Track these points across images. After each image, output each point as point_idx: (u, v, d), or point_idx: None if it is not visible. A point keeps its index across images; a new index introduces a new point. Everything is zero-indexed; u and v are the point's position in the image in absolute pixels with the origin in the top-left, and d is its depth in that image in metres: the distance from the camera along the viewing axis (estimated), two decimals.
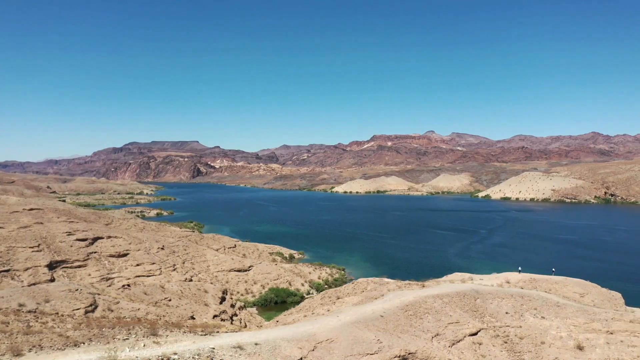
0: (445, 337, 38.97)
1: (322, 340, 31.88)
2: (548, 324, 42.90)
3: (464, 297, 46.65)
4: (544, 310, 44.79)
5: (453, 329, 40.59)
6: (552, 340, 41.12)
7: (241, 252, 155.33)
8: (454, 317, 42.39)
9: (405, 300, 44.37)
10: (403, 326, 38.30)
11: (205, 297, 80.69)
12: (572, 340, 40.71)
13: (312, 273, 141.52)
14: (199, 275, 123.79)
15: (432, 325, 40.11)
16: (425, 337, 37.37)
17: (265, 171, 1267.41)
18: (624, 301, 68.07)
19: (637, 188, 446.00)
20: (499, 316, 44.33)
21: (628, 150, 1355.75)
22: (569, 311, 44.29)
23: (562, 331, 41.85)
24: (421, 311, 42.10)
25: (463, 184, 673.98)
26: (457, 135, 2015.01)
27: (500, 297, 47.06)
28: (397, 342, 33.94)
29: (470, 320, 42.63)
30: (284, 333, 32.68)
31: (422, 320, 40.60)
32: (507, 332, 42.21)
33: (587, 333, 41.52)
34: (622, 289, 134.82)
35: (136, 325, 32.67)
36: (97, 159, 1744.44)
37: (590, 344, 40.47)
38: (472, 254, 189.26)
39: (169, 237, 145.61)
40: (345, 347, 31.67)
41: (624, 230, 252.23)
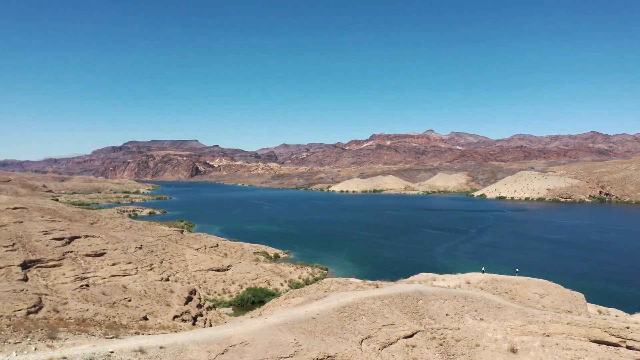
0: (377, 340, 38.37)
1: (236, 343, 31.30)
2: (486, 326, 42.30)
3: (406, 299, 46.04)
4: (484, 312, 44.16)
5: (387, 331, 39.99)
6: (487, 342, 40.53)
7: (223, 252, 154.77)
8: (390, 319, 41.80)
9: (343, 302, 43.79)
10: (333, 328, 37.74)
11: (170, 297, 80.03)
12: (506, 343, 40.11)
13: (292, 273, 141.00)
14: (176, 275, 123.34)
15: (365, 328, 39.53)
16: (353, 339, 36.78)
17: (264, 170, 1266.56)
18: (586, 301, 67.37)
19: (632, 187, 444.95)
20: (439, 318, 43.73)
21: (627, 149, 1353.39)
22: (508, 313, 43.67)
23: (498, 333, 41.25)
24: (357, 313, 41.51)
25: (459, 183, 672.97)
26: (456, 134, 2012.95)
27: (442, 299, 46.43)
28: (317, 345, 33.36)
29: (408, 322, 42.04)
30: (198, 336, 32.09)
31: (355, 322, 40.02)
32: (444, 335, 41.62)
33: (523, 336, 40.92)
34: (603, 288, 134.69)
35: (42, 328, 32.04)
36: (96, 158, 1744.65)
37: (525, 346, 39.87)
38: (459, 253, 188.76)
39: (148, 236, 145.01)
40: (258, 351, 31.08)
41: (614, 230, 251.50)
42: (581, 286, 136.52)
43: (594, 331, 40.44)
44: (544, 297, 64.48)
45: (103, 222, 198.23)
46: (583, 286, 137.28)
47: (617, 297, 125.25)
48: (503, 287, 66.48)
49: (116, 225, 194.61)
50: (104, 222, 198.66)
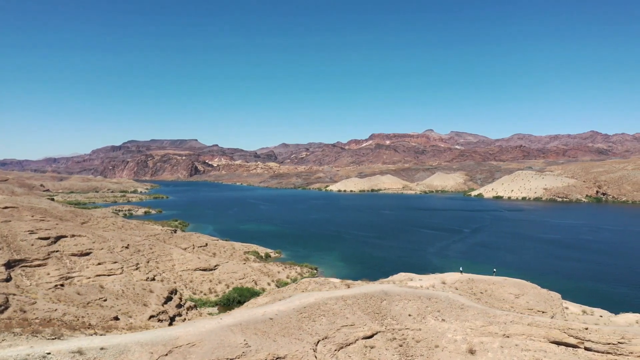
0: (334, 341, 38.11)
1: (183, 344, 31.08)
2: (447, 326, 42.02)
3: (370, 299, 45.78)
4: (446, 313, 43.88)
5: (346, 331, 39.74)
6: (446, 343, 40.26)
7: (211, 251, 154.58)
8: (350, 319, 41.54)
9: (305, 302, 43.53)
10: (290, 329, 37.49)
11: (149, 297, 79.89)
12: (465, 344, 39.84)
13: (281, 272, 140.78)
14: (162, 275, 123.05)
15: (324, 328, 39.28)
16: (309, 340, 36.51)
17: (263, 170, 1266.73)
18: (562, 301, 67.12)
19: (628, 187, 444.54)
20: (401, 319, 43.46)
21: (626, 149, 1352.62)
22: (470, 314, 43.37)
23: (458, 334, 40.97)
24: (317, 313, 41.25)
25: (457, 182, 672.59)
26: (455, 134, 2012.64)
27: (407, 299, 46.16)
28: (268, 346, 33.13)
29: (369, 323, 41.78)
30: (146, 337, 31.85)
31: (314, 322, 39.76)
32: (405, 335, 41.36)
33: (483, 336, 40.62)
34: (592, 288, 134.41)
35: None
36: (96, 157, 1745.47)
37: (484, 347, 39.59)
38: (450, 253, 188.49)
39: (136, 235, 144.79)
40: (204, 352, 30.84)
41: (608, 230, 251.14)
42: (570, 286, 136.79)
43: (554, 332, 40.14)
44: (519, 297, 64.21)
45: (94, 221, 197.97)
46: (572, 286, 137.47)
47: (604, 297, 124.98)
48: (479, 287, 66.23)
49: (108, 225, 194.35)
50: (96, 221, 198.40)
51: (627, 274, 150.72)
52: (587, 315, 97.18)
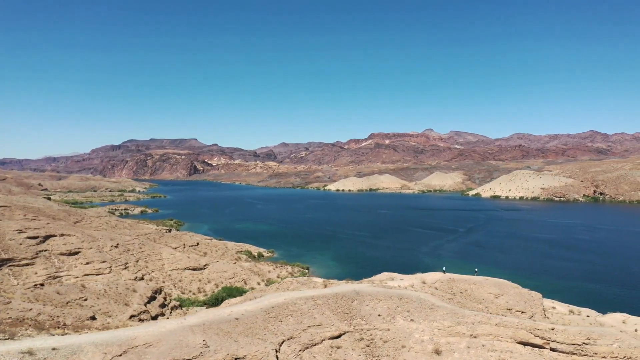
0: (299, 341, 37.94)
1: (139, 344, 30.93)
2: (415, 326, 41.85)
3: (341, 299, 45.60)
4: (415, 313, 43.70)
5: (312, 332, 39.57)
6: (413, 344, 40.09)
7: (202, 251, 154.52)
8: (318, 319, 41.36)
9: (273, 302, 43.36)
10: (255, 329, 37.34)
11: (132, 296, 79.74)
12: (432, 344, 39.69)
13: (271, 272, 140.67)
14: (151, 274, 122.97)
15: (290, 328, 39.12)
16: (273, 340, 36.35)
17: (262, 169, 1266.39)
18: (543, 301, 66.96)
19: (626, 187, 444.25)
20: (370, 319, 43.29)
21: (625, 148, 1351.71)
22: (439, 314, 43.20)
23: (426, 335, 40.80)
24: (285, 313, 41.08)
25: (455, 182, 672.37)
26: (455, 133, 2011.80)
27: (378, 299, 45.98)
28: (228, 347, 32.96)
29: (337, 323, 41.61)
30: (102, 337, 31.69)
31: (281, 322, 39.60)
32: (373, 335, 41.19)
33: (450, 337, 40.45)
34: (582, 287, 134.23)
35: None
36: (95, 156, 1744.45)
37: (450, 348, 39.42)
38: (444, 252, 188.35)
39: (126, 235, 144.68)
40: (161, 352, 30.67)
41: (603, 229, 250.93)
42: (561, 286, 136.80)
43: (521, 332, 39.98)
44: (499, 297, 64.07)
45: (88, 220, 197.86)
46: (563, 286, 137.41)
47: (595, 297, 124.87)
48: (459, 287, 66.11)
49: (101, 224, 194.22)
50: (89, 220, 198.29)
51: (618, 274, 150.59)
52: (574, 315, 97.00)
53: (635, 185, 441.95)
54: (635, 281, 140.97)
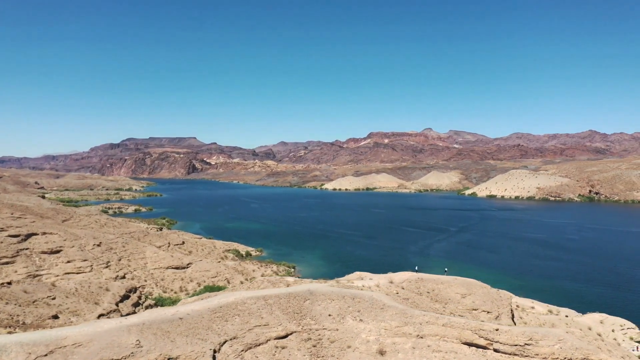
0: (243, 341, 37.75)
1: (68, 344, 30.80)
2: (363, 327, 41.68)
3: (294, 299, 45.43)
4: (366, 313, 43.53)
5: (258, 332, 39.39)
6: (358, 344, 39.92)
7: (188, 249, 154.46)
8: (266, 319, 41.19)
9: (223, 301, 43.21)
10: (197, 329, 37.17)
11: (104, 295, 79.59)
12: (377, 344, 39.53)
13: (256, 271, 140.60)
14: (133, 273, 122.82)
15: (235, 328, 38.94)
16: (214, 340, 36.17)
17: (261, 168, 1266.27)
18: (511, 301, 66.76)
19: (621, 187, 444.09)
20: (320, 319, 43.10)
21: (624, 148, 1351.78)
22: (388, 314, 43.02)
23: (372, 335, 40.63)
24: (231, 313, 40.91)
25: (452, 181, 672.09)
26: (454, 132, 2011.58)
27: (330, 299, 45.79)
28: (162, 347, 32.81)
29: (285, 323, 41.43)
30: (31, 336, 31.59)
31: (226, 322, 39.43)
32: (320, 336, 41.02)
33: (396, 337, 40.29)
34: (565, 287, 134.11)
35: None
36: (94, 154, 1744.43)
37: (395, 348, 39.25)
38: (432, 252, 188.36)
39: (110, 233, 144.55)
40: (90, 352, 30.55)
41: (594, 229, 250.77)
42: (544, 285, 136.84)
43: (466, 333, 39.81)
44: (466, 297, 63.94)
45: (76, 219, 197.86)
46: (546, 285, 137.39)
47: (577, 297, 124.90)
48: (426, 286, 65.98)
49: (90, 222, 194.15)
50: (78, 219, 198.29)
51: (603, 274, 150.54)
52: (551, 315, 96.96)
53: (630, 185, 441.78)
54: (619, 281, 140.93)
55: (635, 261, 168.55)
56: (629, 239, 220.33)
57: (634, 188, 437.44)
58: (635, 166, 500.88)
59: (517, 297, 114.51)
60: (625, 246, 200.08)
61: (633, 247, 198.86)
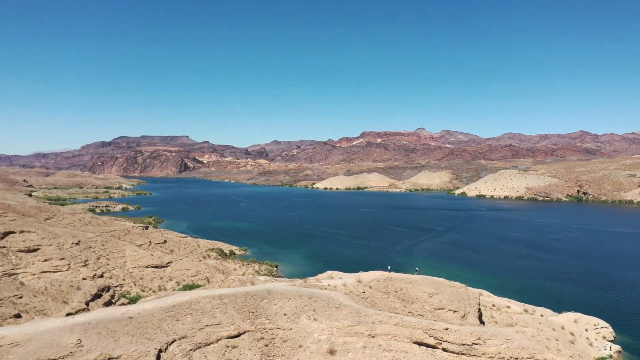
0: (192, 341, 37.56)
1: (4, 344, 30.50)
2: (316, 326, 41.61)
3: (251, 298, 45.28)
4: (320, 312, 43.45)
5: (209, 331, 39.21)
6: (310, 343, 39.85)
7: (169, 248, 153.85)
8: (218, 318, 41.01)
9: (177, 300, 43.00)
10: (145, 328, 36.95)
11: (74, 294, 79.07)
12: (328, 344, 39.47)
13: (237, 270, 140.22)
14: (112, 272, 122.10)
15: (185, 328, 38.74)
16: (161, 340, 35.94)
17: (253, 167, 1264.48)
18: (479, 300, 66.94)
19: (608, 187, 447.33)
20: (275, 318, 42.98)
21: (614, 149, 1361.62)
22: (342, 313, 42.97)
23: (324, 334, 40.56)
24: (184, 312, 40.70)
25: (443, 181, 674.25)
26: (447, 132, 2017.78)
27: (287, 298, 45.69)
28: (104, 347, 32.58)
29: (238, 322, 41.27)
30: None
31: (177, 321, 39.22)
32: (274, 335, 40.91)
33: (348, 336, 40.27)
34: (544, 287, 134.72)
35: None
36: (86, 153, 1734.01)
37: (346, 347, 39.23)
38: (417, 251, 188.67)
39: (89, 232, 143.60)
40: (27, 352, 30.28)
41: (579, 229, 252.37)
42: (524, 285, 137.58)
43: (416, 332, 39.86)
44: (433, 296, 64.05)
45: (60, 217, 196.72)
46: (526, 284, 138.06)
47: (555, 296, 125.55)
48: (395, 286, 66.05)
49: (74, 221, 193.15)
50: (61, 217, 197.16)
51: (584, 274, 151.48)
52: (526, 314, 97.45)
53: (617, 185, 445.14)
54: (599, 281, 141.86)
55: (617, 261, 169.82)
56: (613, 239, 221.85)
57: (622, 188, 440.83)
58: (624, 167, 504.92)
59: (495, 297, 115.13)
60: (608, 246, 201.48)
61: (616, 247, 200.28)
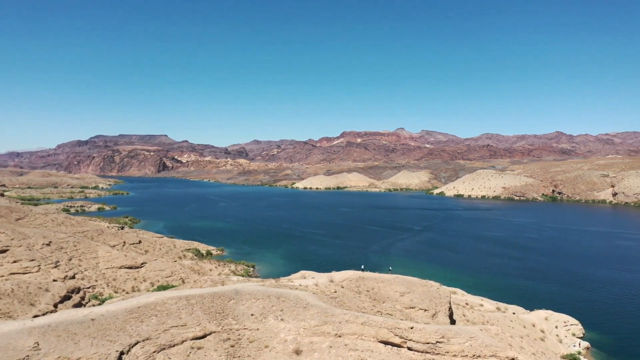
0: (156, 342, 37.11)
1: None
2: (283, 326, 41.53)
3: (219, 298, 44.97)
4: (288, 312, 43.38)
5: (174, 332, 38.81)
6: (276, 344, 39.76)
7: (144, 248, 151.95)
8: (184, 319, 40.61)
9: (143, 302, 42.47)
10: (108, 330, 36.39)
11: (42, 296, 77.52)
12: (294, 344, 39.43)
13: (213, 270, 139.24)
14: (84, 273, 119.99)
15: (149, 329, 38.26)
16: (123, 342, 35.43)
17: (233, 166, 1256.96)
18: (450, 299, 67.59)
19: (582, 186, 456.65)
20: (242, 318, 42.74)
21: (588, 149, 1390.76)
22: (309, 313, 42.96)
23: (291, 334, 40.51)
24: (149, 313, 40.22)
25: (422, 180, 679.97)
26: (426, 132, 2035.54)
27: (256, 298, 45.49)
28: (62, 349, 32.00)
29: (204, 323, 40.93)
30: None
31: (141, 323, 38.73)
32: (240, 336, 40.67)
33: (315, 336, 40.28)
34: (517, 285, 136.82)
35: None
36: (61, 152, 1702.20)
37: (312, 347, 39.23)
38: (394, 251, 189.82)
39: (62, 232, 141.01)
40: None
41: (553, 228, 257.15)
42: (498, 283, 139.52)
43: (382, 331, 40.08)
44: (404, 295, 64.46)
45: (32, 217, 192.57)
46: (500, 283, 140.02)
47: (528, 294, 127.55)
48: (366, 285, 66.29)
49: (47, 221, 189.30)
50: (33, 217, 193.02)
51: (557, 272, 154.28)
52: (498, 312, 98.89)
53: (591, 185, 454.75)
54: (571, 279, 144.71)
55: (588, 259, 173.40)
56: (585, 237, 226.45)
57: (595, 188, 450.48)
58: (597, 167, 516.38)
59: (469, 295, 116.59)
60: (581, 245, 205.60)
61: (588, 245, 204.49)
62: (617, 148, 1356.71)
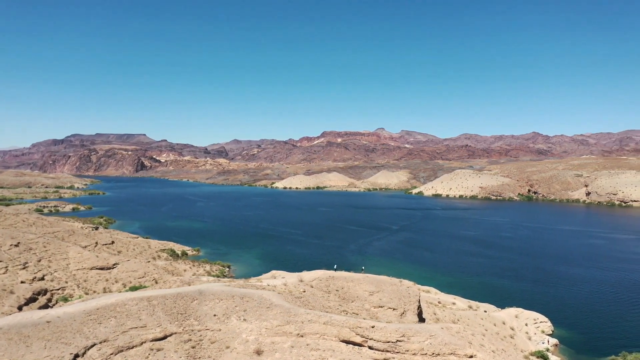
0: (114, 345, 36.54)
1: None
2: (245, 326, 41.30)
3: (181, 299, 44.51)
4: (251, 313, 43.16)
5: (133, 334, 38.26)
6: (237, 344, 39.51)
7: (117, 249, 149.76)
8: (144, 321, 40.07)
9: (102, 303, 41.78)
10: (63, 333, 35.68)
11: (7, 298, 75.78)
12: (256, 344, 39.23)
13: (187, 270, 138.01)
14: (53, 274, 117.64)
15: (107, 331, 37.65)
16: (79, 344, 34.78)
17: (212, 166, 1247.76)
18: (419, 298, 67.99)
19: (557, 186, 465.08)
20: (205, 319, 42.39)
21: (564, 150, 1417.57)
22: (272, 313, 42.83)
23: (252, 334, 40.32)
24: (108, 315, 39.57)
25: (401, 180, 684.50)
26: (406, 132, 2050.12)
27: (219, 299, 45.15)
28: (14, 353, 31.30)
29: (165, 324, 40.45)
30: None
31: (99, 325, 38.08)
32: (202, 336, 40.31)
33: (277, 336, 40.17)
34: (490, 283, 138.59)
35: None
36: (36, 151, 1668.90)
37: (274, 347, 39.12)
38: (370, 250, 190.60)
39: (30, 233, 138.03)
40: None
41: (527, 227, 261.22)
42: (471, 282, 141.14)
43: (344, 331, 40.13)
44: (374, 294, 64.63)
45: (2, 217, 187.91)
46: (473, 282, 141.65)
47: (500, 292, 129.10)
48: (336, 284, 66.29)
49: (17, 222, 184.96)
50: (3, 218, 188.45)
51: (529, 270, 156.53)
52: (470, 310, 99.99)
53: (565, 185, 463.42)
54: (542, 277, 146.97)
55: (560, 258, 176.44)
56: (558, 236, 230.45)
57: (569, 188, 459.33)
58: (571, 167, 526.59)
59: (442, 294, 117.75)
60: (553, 243, 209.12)
61: (561, 244, 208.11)
62: (592, 148, 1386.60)
